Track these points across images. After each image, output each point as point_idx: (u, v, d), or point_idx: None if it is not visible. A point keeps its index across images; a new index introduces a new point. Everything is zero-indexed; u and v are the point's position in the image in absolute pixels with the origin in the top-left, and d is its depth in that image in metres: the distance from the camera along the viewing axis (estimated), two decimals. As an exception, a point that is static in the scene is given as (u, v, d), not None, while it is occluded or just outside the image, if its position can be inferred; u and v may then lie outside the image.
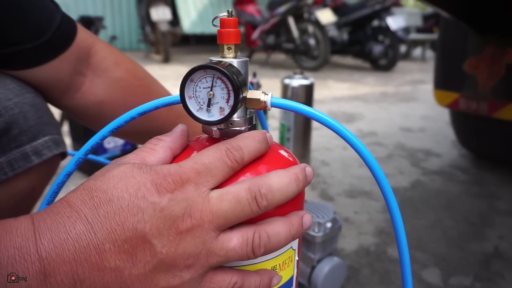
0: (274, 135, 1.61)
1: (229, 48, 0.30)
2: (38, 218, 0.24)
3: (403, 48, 5.25)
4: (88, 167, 1.25)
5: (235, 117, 0.30)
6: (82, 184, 0.25)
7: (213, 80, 0.27)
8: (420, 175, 1.34)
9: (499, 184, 1.26)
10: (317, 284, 0.64)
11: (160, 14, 4.09)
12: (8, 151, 0.40)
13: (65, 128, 1.68)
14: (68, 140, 1.62)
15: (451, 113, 1.40)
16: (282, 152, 0.33)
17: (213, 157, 0.26)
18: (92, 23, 1.54)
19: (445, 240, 0.94)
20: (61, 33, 0.42)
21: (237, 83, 0.27)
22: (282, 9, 3.94)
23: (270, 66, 4.38)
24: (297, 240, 0.33)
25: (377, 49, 3.99)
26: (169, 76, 3.53)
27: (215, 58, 0.30)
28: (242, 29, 4.65)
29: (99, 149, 1.26)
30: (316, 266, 0.65)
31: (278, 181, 0.27)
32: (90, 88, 0.48)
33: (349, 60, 4.95)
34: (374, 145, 1.67)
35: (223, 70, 0.27)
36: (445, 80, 1.21)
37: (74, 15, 5.30)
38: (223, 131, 0.30)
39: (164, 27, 4.10)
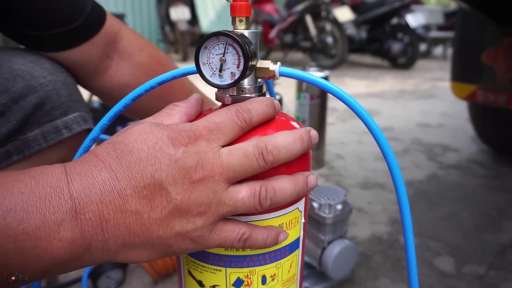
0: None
1: (240, 20, 0.32)
2: (69, 166, 0.27)
3: (423, 47, 5.16)
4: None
5: (246, 84, 0.32)
6: (107, 140, 0.28)
7: (225, 47, 0.30)
8: (437, 169, 1.33)
9: (519, 179, 1.24)
10: (327, 265, 0.66)
11: (179, 13, 4.17)
12: (42, 124, 0.43)
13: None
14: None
15: (470, 107, 1.38)
16: (290, 119, 0.35)
17: (224, 117, 0.29)
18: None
19: (460, 231, 0.94)
20: (92, 18, 0.46)
21: (247, 49, 0.29)
22: (299, 7, 3.94)
23: (288, 64, 4.38)
24: (304, 201, 0.35)
25: (396, 47, 3.94)
26: (187, 74, 3.59)
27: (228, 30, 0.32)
28: (260, 28, 4.69)
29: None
30: (327, 247, 0.67)
31: (283, 140, 0.29)
32: (116, 71, 0.51)
33: (367, 58, 4.90)
34: (391, 139, 1.66)
35: (235, 37, 0.29)
36: (462, 72, 1.20)
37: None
38: (234, 97, 0.32)
39: (183, 27, 4.17)
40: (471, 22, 1.15)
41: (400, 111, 2.21)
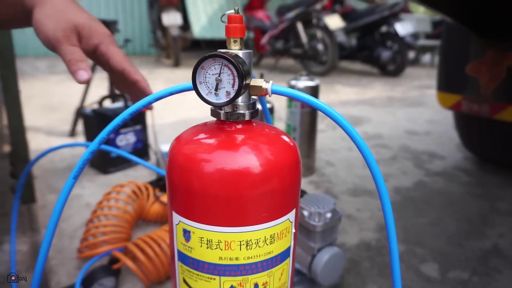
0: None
1: (235, 41, 0.34)
2: None
3: (412, 54, 5.25)
4: (100, 162, 1.30)
5: (240, 101, 0.34)
6: None
7: (221, 67, 0.31)
8: (423, 176, 1.37)
9: (502, 186, 1.28)
10: (317, 271, 0.68)
11: (171, 19, 4.18)
12: None
13: (80, 126, 1.74)
14: (82, 138, 1.68)
15: (455, 115, 1.42)
16: (280, 133, 0.37)
17: None
18: (107, 27, 1.60)
19: (445, 237, 0.97)
20: None
21: (241, 70, 0.31)
22: (291, 14, 3.99)
23: (279, 70, 4.43)
24: (294, 212, 0.37)
25: (385, 54, 4.01)
26: (179, 80, 3.59)
27: (223, 50, 0.34)
28: (251, 34, 4.73)
29: (111, 146, 1.31)
30: (316, 254, 0.69)
31: None
32: None
33: (357, 65, 4.97)
34: (379, 147, 1.69)
35: (230, 58, 0.31)
36: (448, 83, 1.24)
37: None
38: (229, 113, 0.34)
39: (174, 32, 4.17)
40: (456, 34, 1.19)
41: (388, 118, 2.25)
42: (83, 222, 0.98)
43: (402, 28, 3.89)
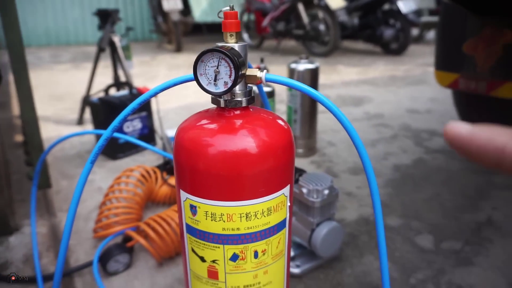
0: (282, 117, 1.68)
1: (231, 35, 0.37)
2: None
3: (415, 31, 5.18)
4: (108, 148, 1.35)
5: (237, 89, 0.38)
6: None
7: (218, 60, 0.35)
8: (423, 154, 1.40)
9: (499, 161, 1.31)
10: (316, 244, 0.73)
11: (172, 4, 4.16)
12: None
13: (87, 114, 1.79)
14: (90, 126, 1.73)
15: (453, 93, 1.44)
16: (276, 117, 0.41)
17: None
18: (109, 15, 1.63)
19: (441, 211, 1.01)
20: None
21: (237, 62, 0.35)
22: (291, -5, 3.95)
23: (281, 52, 4.41)
24: (289, 188, 0.41)
25: (388, 33, 3.97)
26: (181, 65, 3.61)
27: (221, 44, 0.37)
28: (252, 17, 4.69)
29: (118, 132, 1.35)
30: (315, 229, 0.73)
31: None
32: None
33: (360, 44, 4.92)
34: (380, 126, 1.72)
35: (226, 52, 0.34)
36: (445, 61, 1.25)
37: (89, 7, 5.41)
38: (227, 101, 0.38)
39: (175, 17, 4.16)
40: (452, 13, 1.20)
41: (390, 98, 2.27)
42: (96, 205, 1.04)
43: (405, 5, 3.83)
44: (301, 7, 3.92)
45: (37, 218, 0.98)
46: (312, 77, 1.28)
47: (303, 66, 1.26)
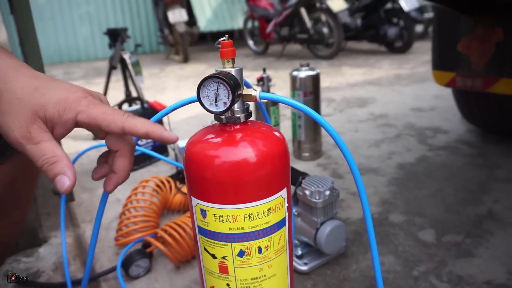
0: (287, 124, 1.73)
1: (228, 61, 0.44)
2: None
3: (419, 28, 5.19)
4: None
5: (236, 107, 0.44)
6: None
7: (218, 84, 0.41)
8: (426, 151, 1.44)
9: (502, 155, 1.34)
10: (321, 242, 0.78)
11: (177, 16, 4.27)
12: None
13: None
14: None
15: (453, 91, 1.48)
16: (273, 129, 0.47)
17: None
18: (118, 34, 1.71)
19: (444, 206, 1.05)
20: None
21: (233, 85, 0.41)
22: (293, 0, 4.02)
23: (286, 57, 4.48)
24: (286, 190, 0.47)
25: (392, 31, 3.99)
26: (189, 76, 3.70)
27: (219, 69, 0.43)
28: (256, 24, 4.77)
29: (133, 146, 1.43)
30: (320, 228, 0.79)
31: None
32: None
33: (365, 45, 4.95)
34: (385, 126, 1.76)
35: (224, 78, 0.40)
36: (441, 61, 1.30)
37: (98, 24, 5.57)
38: (228, 117, 0.44)
39: (181, 28, 4.27)
40: (446, 14, 1.25)
41: (395, 97, 2.30)
42: (115, 215, 1.11)
43: (406, 3, 3.85)
44: (303, 12, 3.98)
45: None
46: (314, 83, 1.33)
47: (304, 73, 1.32)
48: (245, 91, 0.44)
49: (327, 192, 0.77)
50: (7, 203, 0.51)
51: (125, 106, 1.79)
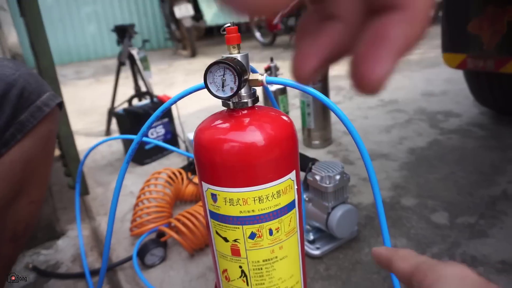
0: (296, 113, 1.73)
1: (233, 47, 0.44)
2: None
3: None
4: (136, 155, 1.45)
5: (242, 92, 0.45)
6: None
7: (224, 70, 0.42)
8: (438, 135, 1.42)
9: (516, 136, 1.32)
10: (332, 227, 0.78)
11: (183, 11, 4.27)
12: (27, 108, 0.57)
13: (113, 125, 1.90)
14: (117, 133, 1.84)
15: (464, 73, 1.45)
16: (281, 113, 0.47)
17: None
18: (126, 31, 1.73)
19: (456, 189, 1.04)
20: None
21: (239, 71, 0.41)
22: (299, -11, 3.98)
23: (294, 48, 4.45)
24: (294, 173, 0.47)
25: (400, 17, 3.93)
26: (197, 70, 3.71)
27: (225, 55, 0.44)
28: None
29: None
30: (331, 212, 0.79)
31: None
32: None
33: (373, 31, 4.89)
34: (395, 112, 1.74)
35: (230, 63, 0.41)
36: (452, 43, 1.27)
37: (105, 22, 5.61)
38: (235, 103, 0.45)
39: (188, 23, 4.27)
40: (455, -5, 1.22)
41: (405, 83, 2.27)
42: (129, 207, 1.13)
43: (415, -13, 3.78)
44: (309, 1, 3.94)
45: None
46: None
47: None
48: (252, 76, 0.44)
49: (338, 177, 0.77)
50: (26, 180, 0.55)
51: (135, 101, 1.81)
